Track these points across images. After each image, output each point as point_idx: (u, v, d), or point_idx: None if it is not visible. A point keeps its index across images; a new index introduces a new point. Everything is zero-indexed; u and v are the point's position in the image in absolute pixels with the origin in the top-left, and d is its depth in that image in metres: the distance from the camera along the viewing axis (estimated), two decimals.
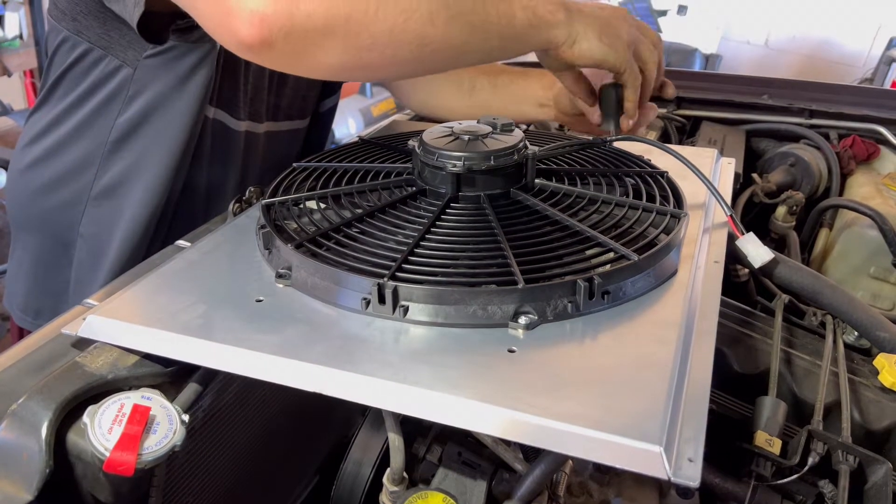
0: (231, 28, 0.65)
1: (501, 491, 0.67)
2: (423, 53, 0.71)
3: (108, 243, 1.01)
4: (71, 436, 0.55)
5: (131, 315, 0.63)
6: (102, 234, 1.01)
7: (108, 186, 0.99)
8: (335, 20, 0.65)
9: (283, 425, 0.84)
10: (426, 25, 0.69)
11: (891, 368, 0.79)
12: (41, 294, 1.09)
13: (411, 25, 0.68)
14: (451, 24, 0.70)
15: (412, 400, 0.53)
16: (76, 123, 0.97)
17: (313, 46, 0.67)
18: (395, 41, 0.69)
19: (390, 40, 0.68)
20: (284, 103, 1.07)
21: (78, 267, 1.04)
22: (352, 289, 0.63)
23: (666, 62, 1.00)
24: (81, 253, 1.03)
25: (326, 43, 0.67)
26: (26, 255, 1.08)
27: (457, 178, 0.76)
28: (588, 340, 0.60)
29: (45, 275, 1.08)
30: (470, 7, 0.71)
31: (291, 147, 1.14)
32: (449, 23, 0.70)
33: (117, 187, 0.99)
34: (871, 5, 3.76)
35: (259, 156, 1.07)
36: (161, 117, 0.93)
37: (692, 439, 0.50)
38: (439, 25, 0.70)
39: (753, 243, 0.81)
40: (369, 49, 0.68)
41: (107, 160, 0.97)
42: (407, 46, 0.70)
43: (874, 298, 1.27)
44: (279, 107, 1.06)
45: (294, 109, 1.09)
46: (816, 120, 1.59)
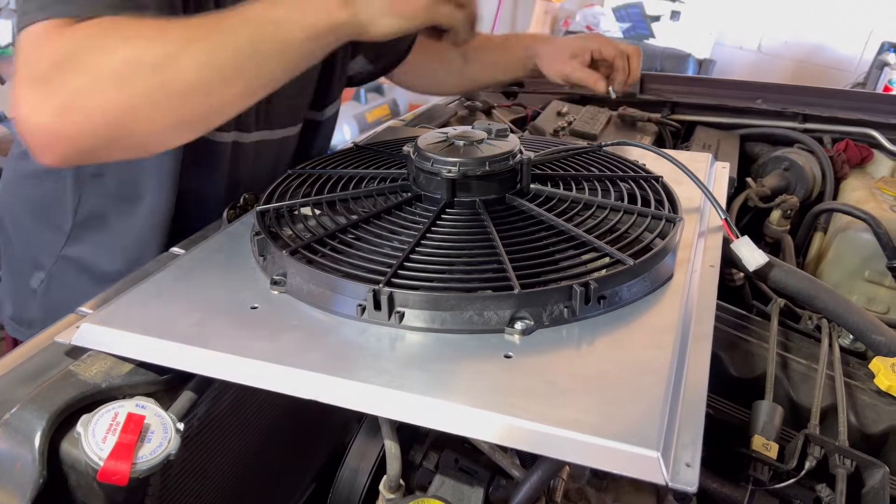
0: (32, 152, 0.70)
1: (499, 497, 0.67)
2: (212, 116, 0.73)
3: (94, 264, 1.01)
4: (64, 445, 0.55)
5: (125, 323, 0.63)
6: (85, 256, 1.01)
7: (91, 213, 0.99)
8: (116, 129, 0.69)
9: (278, 433, 0.83)
10: (206, 97, 0.70)
11: (887, 372, 0.79)
12: (33, 305, 1.08)
13: (190, 105, 0.70)
14: (231, 84, 0.71)
15: (408, 407, 0.53)
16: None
17: (106, 151, 0.72)
18: (180, 122, 0.72)
19: (176, 123, 0.71)
20: (276, 111, 1.06)
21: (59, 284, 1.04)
22: (347, 295, 0.63)
23: (660, 67, 1.01)
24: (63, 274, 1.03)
25: (117, 145, 0.71)
26: (16, 266, 1.08)
27: (452, 184, 0.75)
28: (584, 345, 0.60)
29: (28, 286, 1.08)
30: (245, 58, 0.70)
31: (284, 154, 1.14)
32: (228, 84, 0.71)
33: (101, 212, 0.99)
34: (862, 10, 3.79)
35: (250, 165, 1.06)
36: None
37: (689, 444, 0.50)
38: (219, 92, 0.71)
39: (748, 247, 0.81)
40: (158, 136, 0.73)
41: (87, 185, 0.97)
42: (195, 120, 0.73)
43: (869, 302, 1.27)
44: (271, 113, 1.06)
45: (286, 117, 1.09)
46: (810, 124, 1.60)
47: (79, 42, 0.67)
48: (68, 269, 1.02)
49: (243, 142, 1.03)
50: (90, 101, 0.66)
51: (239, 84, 0.72)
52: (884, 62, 3.36)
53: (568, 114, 1.55)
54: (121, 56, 0.67)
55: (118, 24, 0.68)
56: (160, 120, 0.70)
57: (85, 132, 0.68)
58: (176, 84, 0.68)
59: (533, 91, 1.74)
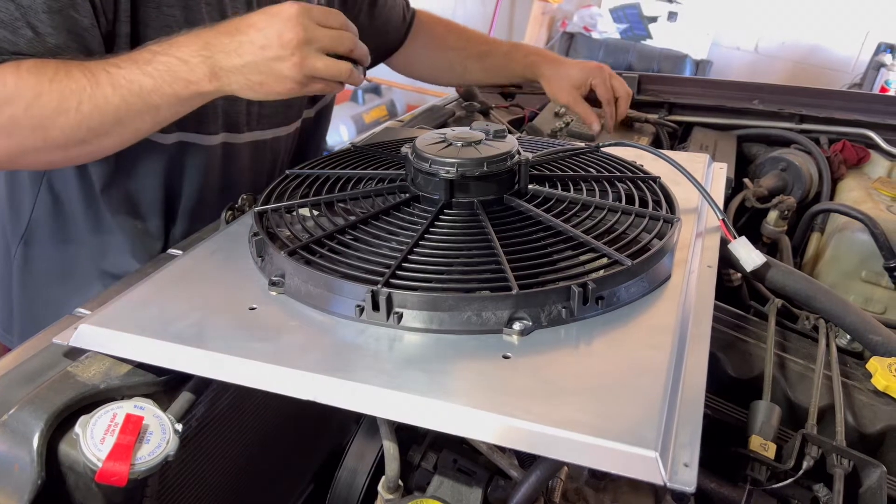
0: None
1: (497, 498, 0.67)
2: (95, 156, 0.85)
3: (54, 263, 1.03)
4: (63, 446, 0.55)
5: (123, 324, 0.63)
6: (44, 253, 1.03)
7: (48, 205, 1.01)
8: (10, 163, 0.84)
9: (277, 433, 0.83)
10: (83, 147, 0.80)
11: (884, 372, 0.80)
12: (24, 315, 1.08)
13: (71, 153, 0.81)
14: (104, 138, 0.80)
15: (407, 407, 0.53)
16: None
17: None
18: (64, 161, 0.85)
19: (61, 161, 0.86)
20: (267, 112, 1.06)
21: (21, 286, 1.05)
22: (345, 296, 0.63)
23: (657, 68, 1.02)
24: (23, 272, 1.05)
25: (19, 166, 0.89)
26: (6, 275, 1.08)
27: (450, 185, 0.75)
28: (582, 346, 0.60)
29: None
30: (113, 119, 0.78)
31: (279, 154, 1.14)
32: (102, 138, 0.80)
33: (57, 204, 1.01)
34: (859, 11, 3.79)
35: (244, 165, 1.06)
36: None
37: (687, 444, 0.50)
38: (94, 143, 0.80)
39: (746, 247, 0.81)
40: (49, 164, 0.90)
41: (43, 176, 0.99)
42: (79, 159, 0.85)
43: (866, 302, 1.27)
44: (263, 115, 1.05)
45: (278, 117, 1.09)
46: (807, 125, 1.60)
47: None
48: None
49: (235, 143, 1.03)
50: None
51: (111, 138, 0.81)
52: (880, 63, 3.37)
53: (565, 115, 1.55)
54: (5, 115, 0.75)
55: (10, 70, 0.75)
56: (43, 159, 0.82)
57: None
58: (54, 140, 0.78)
59: (531, 92, 1.74)
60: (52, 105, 0.75)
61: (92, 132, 0.78)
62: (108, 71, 0.77)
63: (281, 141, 1.12)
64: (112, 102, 0.77)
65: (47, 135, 0.77)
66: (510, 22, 4.59)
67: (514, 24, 4.58)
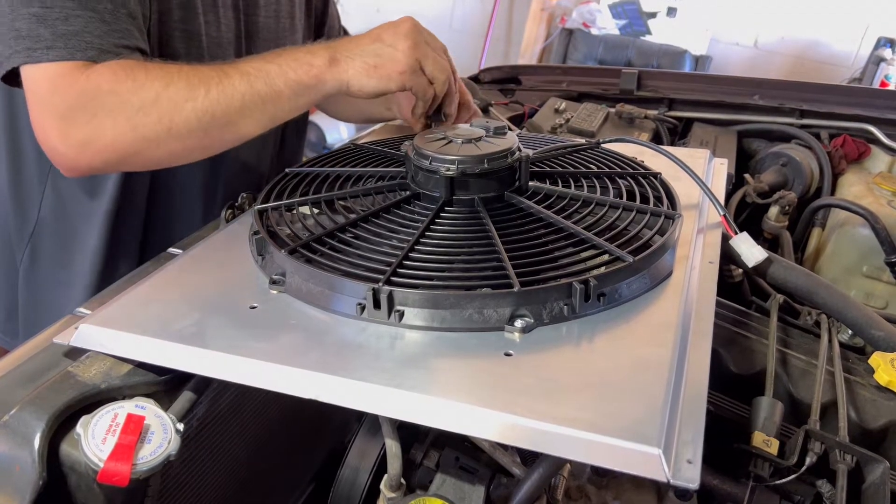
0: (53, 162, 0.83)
1: (499, 496, 0.66)
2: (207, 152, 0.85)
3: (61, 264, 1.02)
4: (64, 447, 0.55)
5: (124, 323, 0.63)
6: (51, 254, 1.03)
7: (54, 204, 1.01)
8: (126, 159, 0.81)
9: (278, 432, 0.83)
10: (203, 139, 0.81)
11: (886, 367, 0.79)
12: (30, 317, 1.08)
13: (190, 144, 0.82)
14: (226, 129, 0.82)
15: (409, 405, 0.53)
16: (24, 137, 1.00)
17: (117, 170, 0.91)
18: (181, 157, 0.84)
19: (177, 158, 0.84)
20: None
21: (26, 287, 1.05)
22: (346, 294, 0.63)
23: (656, 64, 1.02)
24: (29, 274, 1.05)
25: (126, 166, 0.85)
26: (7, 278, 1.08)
27: (450, 182, 0.75)
28: (584, 343, 0.60)
29: (15, 297, 1.08)
30: (237, 110, 0.80)
31: (268, 143, 1.13)
32: (223, 129, 0.82)
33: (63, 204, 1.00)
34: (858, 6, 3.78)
35: (233, 154, 1.06)
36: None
37: (691, 441, 0.50)
38: (215, 135, 0.82)
39: (747, 243, 0.81)
40: (160, 163, 0.85)
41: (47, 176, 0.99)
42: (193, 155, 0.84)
43: (867, 297, 1.27)
44: None
45: None
46: (807, 120, 1.59)
47: (96, 86, 0.77)
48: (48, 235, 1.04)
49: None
50: (105, 139, 0.78)
51: (233, 128, 0.82)
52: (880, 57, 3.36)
53: (565, 111, 1.55)
54: (133, 105, 0.77)
55: (129, 72, 0.78)
56: (162, 154, 0.81)
57: (97, 161, 0.81)
58: (178, 129, 0.79)
59: (530, 88, 1.74)
60: (182, 92, 0.78)
61: (216, 120, 0.80)
62: (234, 64, 0.81)
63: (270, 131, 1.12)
64: (238, 89, 0.79)
65: (172, 123, 0.78)
66: (509, 19, 4.59)
67: (513, 21, 4.57)
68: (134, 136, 0.78)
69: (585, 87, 1.73)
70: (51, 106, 0.78)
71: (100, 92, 0.77)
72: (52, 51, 0.76)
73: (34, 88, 0.79)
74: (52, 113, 0.78)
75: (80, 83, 0.77)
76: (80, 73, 0.77)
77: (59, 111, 0.77)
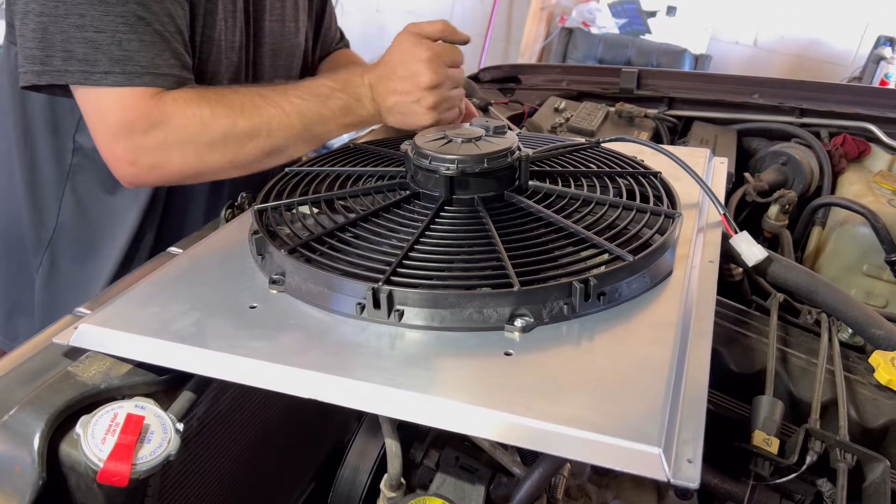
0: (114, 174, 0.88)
1: (500, 495, 0.66)
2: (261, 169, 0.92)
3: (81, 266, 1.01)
4: (64, 447, 0.55)
5: (124, 323, 0.63)
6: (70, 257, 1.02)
7: (73, 208, 1.01)
8: (187, 181, 0.91)
9: (278, 432, 0.83)
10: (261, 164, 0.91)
11: (886, 366, 0.79)
12: (19, 318, 1.08)
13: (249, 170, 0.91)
14: (282, 156, 0.92)
15: (408, 405, 0.53)
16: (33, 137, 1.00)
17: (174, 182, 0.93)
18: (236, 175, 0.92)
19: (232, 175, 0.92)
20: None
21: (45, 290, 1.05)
22: (346, 294, 0.63)
23: (656, 63, 1.03)
24: (48, 278, 1.05)
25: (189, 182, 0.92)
26: (16, 281, 1.08)
27: (450, 181, 0.75)
28: (584, 342, 0.60)
29: (18, 299, 1.08)
30: (294, 143, 0.91)
31: None
32: (279, 158, 0.92)
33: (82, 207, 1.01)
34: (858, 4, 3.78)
35: None
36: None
37: (691, 440, 0.50)
38: (271, 161, 0.91)
39: (747, 242, 0.81)
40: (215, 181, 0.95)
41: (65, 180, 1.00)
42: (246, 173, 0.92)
43: (867, 296, 1.27)
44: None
45: None
46: (807, 119, 1.59)
47: (168, 120, 0.83)
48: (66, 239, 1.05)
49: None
50: (173, 167, 0.86)
51: (286, 155, 0.92)
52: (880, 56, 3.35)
53: (565, 110, 1.54)
54: (202, 141, 0.85)
55: (196, 108, 0.84)
56: (220, 175, 0.91)
57: (161, 181, 0.90)
58: (240, 162, 0.88)
59: (530, 87, 1.74)
60: (246, 131, 0.86)
61: (273, 153, 0.89)
62: (290, 100, 0.89)
63: None
64: (296, 127, 0.89)
65: (236, 157, 0.87)
66: (508, 18, 4.58)
67: (512, 20, 4.57)
68: (199, 167, 0.87)
69: (585, 87, 1.73)
70: (122, 130, 0.83)
71: (171, 127, 0.83)
72: (110, 76, 0.81)
73: (99, 109, 0.84)
74: (123, 136, 0.83)
75: (152, 114, 0.83)
76: (150, 101, 0.83)
77: (130, 136, 0.83)
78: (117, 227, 1.00)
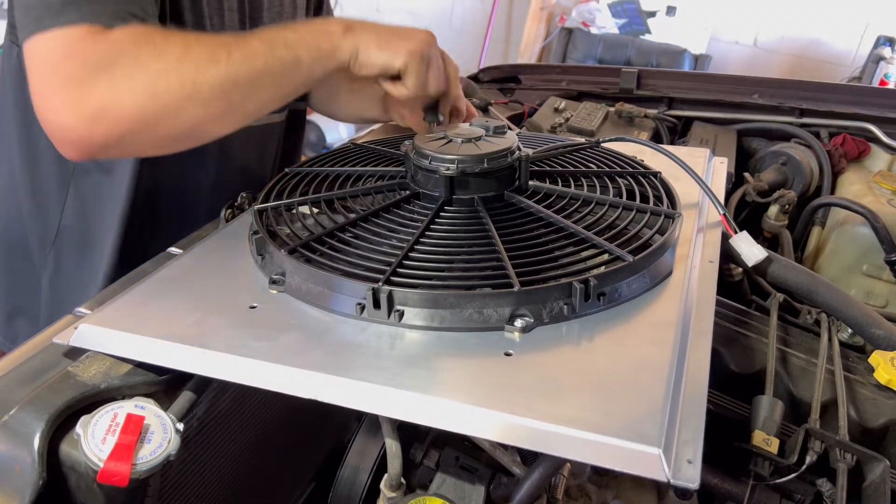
0: (55, 144, 0.76)
1: (500, 495, 0.66)
2: (228, 122, 0.81)
3: (83, 266, 1.01)
4: (64, 447, 0.55)
5: (124, 323, 0.63)
6: (73, 258, 1.02)
7: (76, 210, 1.00)
8: (143, 131, 0.75)
9: (278, 432, 0.83)
10: (225, 105, 0.78)
11: (886, 366, 0.79)
12: (19, 319, 1.08)
13: (212, 111, 0.77)
14: (248, 95, 0.79)
15: (408, 405, 0.53)
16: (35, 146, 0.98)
17: (129, 148, 0.82)
18: (201, 126, 0.79)
19: (197, 127, 0.78)
20: None
21: (54, 290, 1.04)
22: (346, 294, 0.63)
23: (655, 63, 1.02)
24: (54, 278, 1.04)
25: (140, 142, 0.78)
26: (16, 281, 1.08)
27: (450, 182, 0.75)
28: (584, 342, 0.60)
29: (19, 301, 1.08)
30: (259, 74, 0.78)
31: (270, 142, 1.14)
32: (245, 96, 0.78)
33: (84, 208, 1.00)
34: (858, 4, 3.78)
35: (236, 152, 1.06)
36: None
37: (691, 441, 0.50)
38: (237, 101, 0.78)
39: (747, 242, 0.81)
40: (178, 137, 0.79)
41: (69, 182, 0.98)
42: (214, 125, 0.80)
43: (867, 296, 1.27)
44: None
45: None
46: (807, 119, 1.59)
47: (114, 51, 0.73)
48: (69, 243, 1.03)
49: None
50: (123, 107, 0.73)
51: (255, 95, 0.79)
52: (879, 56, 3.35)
53: (565, 110, 1.54)
54: (154, 70, 0.73)
55: (149, 38, 0.74)
56: (182, 124, 0.76)
57: (113, 135, 0.74)
58: (200, 94, 0.75)
59: (530, 87, 1.74)
60: (204, 55, 0.75)
61: (238, 86, 0.77)
62: (251, 33, 0.80)
63: (273, 129, 1.13)
64: (259, 53, 0.78)
65: (195, 87, 0.75)
66: (508, 18, 4.58)
67: (512, 19, 4.57)
68: (154, 104, 0.74)
69: (585, 87, 1.73)
70: (63, 73, 0.73)
71: (120, 55, 0.73)
72: (62, 16, 0.73)
73: (43, 57, 0.74)
74: (64, 81, 0.73)
75: (99, 46, 0.73)
76: (98, 36, 0.73)
77: (73, 78, 0.72)
78: (113, 230, 1.00)
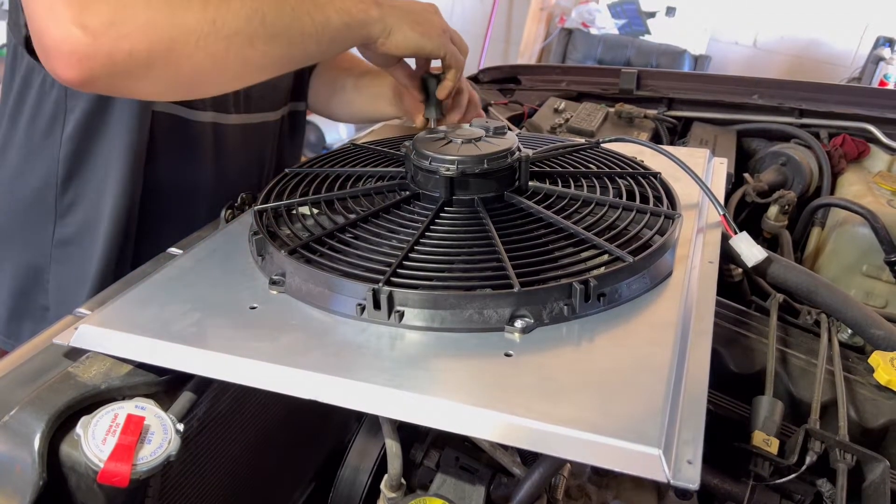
0: (51, 67, 0.66)
1: (500, 495, 0.66)
2: (244, 72, 0.75)
3: (83, 262, 1.01)
4: (64, 447, 0.55)
5: (124, 324, 0.63)
6: (74, 252, 1.01)
7: (71, 205, 0.99)
8: (157, 57, 0.66)
9: (278, 432, 0.83)
10: (246, 49, 0.71)
11: (886, 366, 0.79)
12: (21, 318, 1.08)
13: (232, 52, 0.70)
14: (271, 43, 0.73)
15: (409, 406, 0.53)
16: (28, 144, 0.98)
17: (136, 79, 0.68)
18: (217, 68, 0.71)
19: (213, 68, 0.71)
20: (255, 93, 1.06)
21: (55, 289, 1.04)
22: (346, 294, 0.63)
23: (655, 63, 1.02)
24: (56, 276, 1.04)
25: (150, 75, 0.68)
26: (3, 279, 1.08)
27: (450, 182, 0.75)
28: (584, 343, 0.60)
29: (22, 299, 1.08)
30: (287, 22, 0.73)
31: (267, 142, 1.14)
32: (269, 42, 0.72)
33: (80, 205, 0.99)
34: (858, 5, 3.79)
35: (234, 151, 1.06)
36: (103, 127, 0.92)
37: (691, 441, 0.50)
38: (259, 47, 0.72)
39: (747, 242, 0.81)
40: (191, 77, 0.71)
41: (64, 180, 0.97)
42: (230, 71, 0.73)
43: (867, 296, 1.27)
44: (250, 97, 1.05)
45: (266, 101, 1.09)
46: (807, 119, 1.59)
47: None
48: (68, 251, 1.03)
49: (224, 123, 1.03)
50: (136, 20, 0.64)
51: (278, 45, 0.73)
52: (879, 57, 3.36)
53: (565, 111, 1.54)
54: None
55: None
56: (198, 59, 0.68)
57: (121, 52, 0.65)
58: (223, 24, 0.68)
59: (529, 88, 1.74)
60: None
61: (265, 26, 0.71)
62: None
63: (269, 128, 1.12)
64: (288, 1, 0.73)
65: (218, 14, 0.67)
66: (508, 18, 4.59)
67: (512, 20, 4.58)
68: (171, 24, 0.65)
69: (585, 87, 1.73)
70: None
71: None
72: None
73: None
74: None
75: None
76: None
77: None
78: (112, 229, 1.00)
